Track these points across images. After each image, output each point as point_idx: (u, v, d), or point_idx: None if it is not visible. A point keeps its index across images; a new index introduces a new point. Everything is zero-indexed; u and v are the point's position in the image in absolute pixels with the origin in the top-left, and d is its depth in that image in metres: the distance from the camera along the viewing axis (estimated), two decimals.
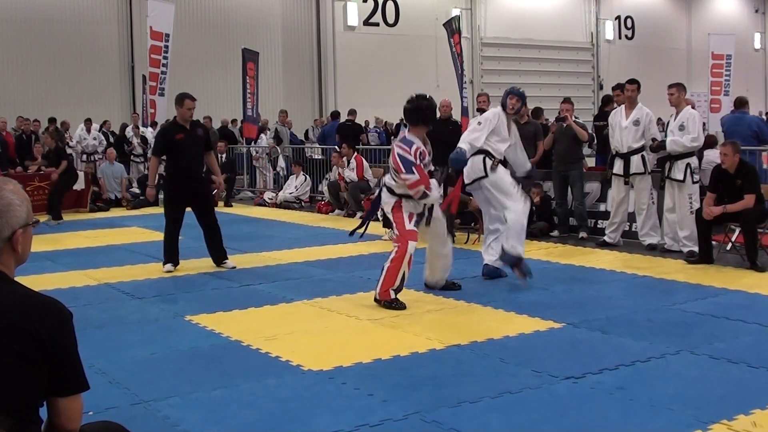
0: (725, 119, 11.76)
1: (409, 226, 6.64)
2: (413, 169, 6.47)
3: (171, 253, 8.33)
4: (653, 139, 9.05)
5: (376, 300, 6.54)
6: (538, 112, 12.72)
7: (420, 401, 4.22)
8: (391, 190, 6.74)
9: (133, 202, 15.31)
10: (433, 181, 6.70)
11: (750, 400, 4.14)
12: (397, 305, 6.45)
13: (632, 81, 9.38)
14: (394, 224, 6.74)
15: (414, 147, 6.55)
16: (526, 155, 8.33)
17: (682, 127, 8.69)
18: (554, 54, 30.97)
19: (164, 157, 8.51)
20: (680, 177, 8.67)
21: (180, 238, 8.49)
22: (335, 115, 18.30)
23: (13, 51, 21.82)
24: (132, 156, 17.40)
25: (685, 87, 9.07)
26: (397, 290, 6.55)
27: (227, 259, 8.48)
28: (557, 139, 10.40)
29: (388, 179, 6.85)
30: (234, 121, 20.92)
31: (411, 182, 6.48)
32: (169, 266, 8.28)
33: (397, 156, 6.54)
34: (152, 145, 8.79)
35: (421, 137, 6.72)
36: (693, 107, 9.49)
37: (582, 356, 5.01)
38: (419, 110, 6.69)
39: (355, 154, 13.58)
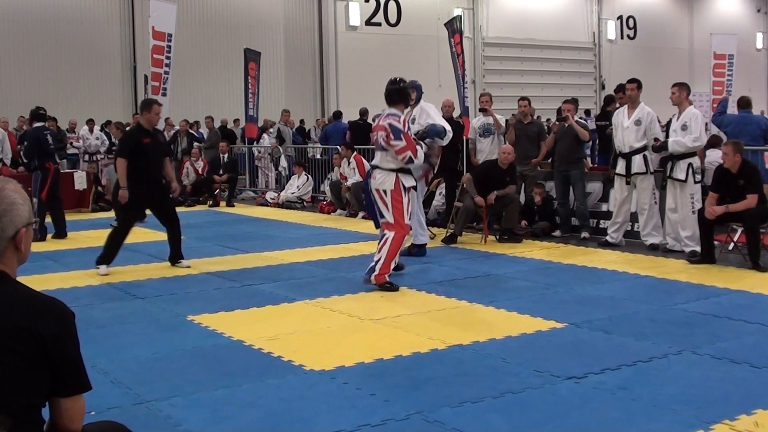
0: (727, 119, 11.72)
1: (407, 219, 7.34)
2: (401, 136, 7.18)
3: (112, 256, 8.26)
4: (655, 139, 9.03)
5: (369, 282, 7.11)
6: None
7: (422, 401, 4.22)
8: (386, 168, 7.27)
9: None
10: (419, 149, 7.37)
11: (752, 400, 4.13)
12: (392, 287, 7.05)
13: (632, 80, 9.37)
14: (391, 209, 7.24)
15: (402, 117, 7.33)
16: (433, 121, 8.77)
17: (684, 127, 8.67)
18: (556, 54, 30.97)
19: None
20: (682, 177, 8.66)
21: (182, 238, 8.49)
22: (337, 115, 18.30)
23: (14, 51, 21.86)
24: None
25: (688, 86, 9.03)
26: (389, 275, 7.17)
27: (183, 258, 8.54)
28: (558, 139, 10.40)
29: (378, 160, 7.38)
30: (236, 121, 20.94)
31: (399, 148, 7.17)
32: (104, 268, 8.16)
33: (388, 126, 7.21)
34: (117, 148, 8.64)
35: (403, 114, 7.46)
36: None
37: (584, 356, 5.00)
38: (402, 90, 7.47)
39: (354, 153, 13.59)
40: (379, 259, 7.12)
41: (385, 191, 7.26)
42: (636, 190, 9.33)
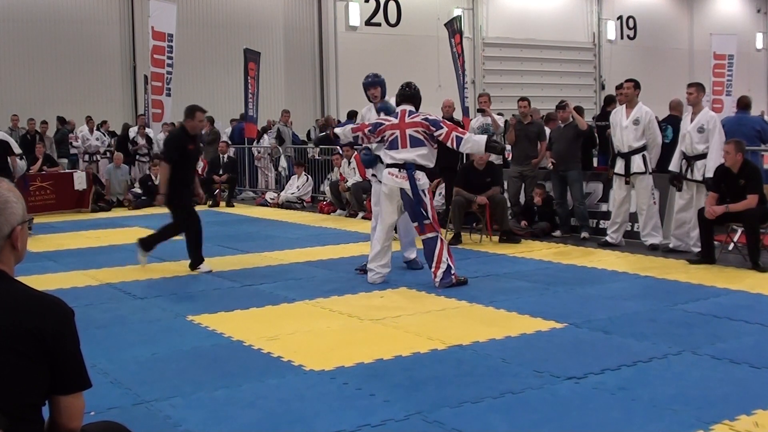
0: (725, 120, 11.72)
1: None
2: (440, 124, 7.41)
3: (154, 243, 8.48)
4: (705, 178, 8.53)
5: (448, 285, 7.14)
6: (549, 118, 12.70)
7: (422, 401, 4.22)
8: (423, 167, 7.40)
9: (134, 203, 15.32)
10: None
11: (752, 401, 4.13)
12: (464, 280, 7.29)
13: (629, 80, 9.38)
14: (429, 208, 7.33)
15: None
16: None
17: (701, 130, 8.60)
18: (556, 54, 30.93)
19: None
20: (699, 178, 8.62)
21: (180, 238, 8.49)
22: (351, 115, 18.17)
23: (14, 51, 21.83)
24: (137, 156, 17.43)
25: (704, 87, 8.98)
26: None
27: (203, 263, 8.36)
28: (555, 139, 10.40)
29: (413, 156, 7.36)
30: (233, 120, 20.93)
31: (445, 133, 7.33)
32: (142, 256, 8.40)
33: (426, 120, 7.42)
34: (165, 152, 8.45)
35: None
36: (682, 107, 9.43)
37: (584, 356, 5.00)
38: (418, 96, 7.70)
39: (355, 153, 13.59)
40: (447, 262, 7.19)
41: (424, 191, 7.37)
42: (635, 191, 9.33)
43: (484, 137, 7.53)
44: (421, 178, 7.36)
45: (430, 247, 7.26)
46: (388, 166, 7.46)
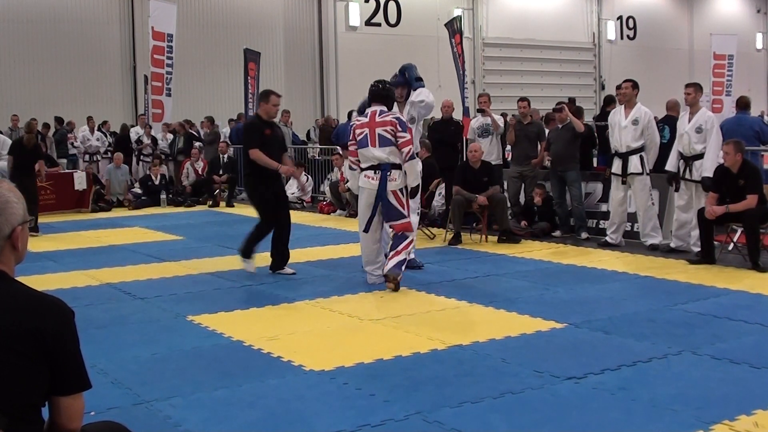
0: (725, 122, 11.73)
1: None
2: (407, 129, 7.29)
3: (250, 250, 8.03)
4: (703, 178, 8.51)
5: (391, 278, 7.09)
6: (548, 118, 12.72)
7: (421, 401, 4.22)
8: (397, 166, 7.26)
9: (134, 203, 15.32)
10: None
11: (752, 401, 4.13)
12: (397, 283, 7.14)
13: (628, 80, 9.38)
14: (407, 206, 7.28)
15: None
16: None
17: (699, 130, 8.60)
18: (556, 54, 30.94)
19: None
20: (697, 178, 8.60)
21: (181, 238, 8.48)
22: (351, 115, 18.20)
23: (14, 51, 21.83)
24: (142, 156, 17.42)
25: (702, 87, 8.99)
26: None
27: (285, 266, 8.05)
28: (553, 140, 10.41)
29: (384, 155, 7.25)
30: (231, 121, 20.93)
31: (405, 140, 7.19)
32: (248, 263, 8.00)
33: (395, 119, 7.27)
34: (244, 141, 8.03)
35: None
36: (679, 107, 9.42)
37: (584, 356, 5.00)
38: (390, 96, 7.51)
39: None
40: (405, 257, 7.16)
41: (401, 190, 7.27)
42: (632, 191, 9.32)
43: (419, 180, 7.48)
44: (397, 178, 7.25)
45: (399, 240, 7.26)
46: (364, 169, 7.39)
